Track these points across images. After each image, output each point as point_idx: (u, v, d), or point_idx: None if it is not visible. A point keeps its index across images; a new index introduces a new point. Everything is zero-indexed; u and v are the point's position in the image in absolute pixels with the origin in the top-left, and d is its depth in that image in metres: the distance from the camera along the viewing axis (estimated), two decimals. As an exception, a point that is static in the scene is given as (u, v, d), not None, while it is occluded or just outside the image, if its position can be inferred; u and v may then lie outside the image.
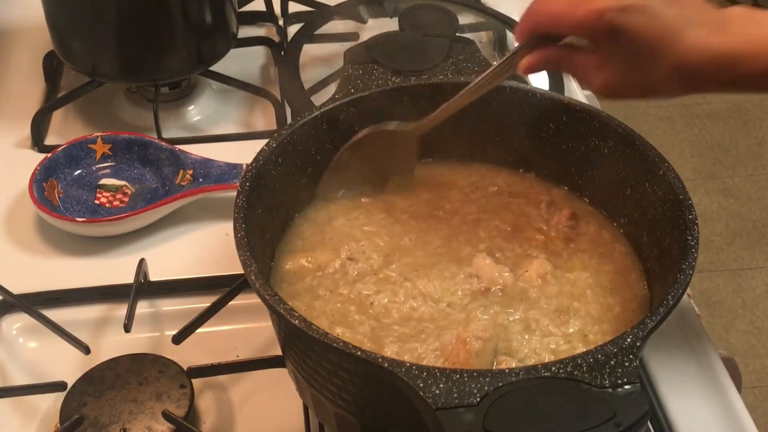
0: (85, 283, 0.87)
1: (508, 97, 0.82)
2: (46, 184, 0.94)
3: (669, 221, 0.71)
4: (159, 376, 0.76)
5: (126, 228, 0.92)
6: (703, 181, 2.55)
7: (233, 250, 0.66)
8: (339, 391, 0.64)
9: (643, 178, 0.75)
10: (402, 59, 0.84)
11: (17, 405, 0.78)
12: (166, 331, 0.85)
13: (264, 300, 0.63)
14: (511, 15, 1.23)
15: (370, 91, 0.81)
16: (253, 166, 0.74)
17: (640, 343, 0.59)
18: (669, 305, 0.62)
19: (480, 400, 0.55)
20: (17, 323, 0.85)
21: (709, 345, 0.82)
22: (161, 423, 0.72)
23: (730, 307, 2.20)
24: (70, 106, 1.10)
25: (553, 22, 0.69)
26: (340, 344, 0.59)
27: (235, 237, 0.67)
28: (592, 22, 0.65)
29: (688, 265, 0.65)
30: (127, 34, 1.02)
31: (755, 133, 2.73)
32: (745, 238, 2.38)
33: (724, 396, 0.78)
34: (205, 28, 1.06)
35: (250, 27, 1.24)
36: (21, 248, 0.93)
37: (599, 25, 0.65)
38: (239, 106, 1.13)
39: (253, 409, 0.79)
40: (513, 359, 0.67)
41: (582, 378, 0.56)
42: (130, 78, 1.08)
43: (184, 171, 0.96)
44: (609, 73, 0.68)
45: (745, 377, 2.00)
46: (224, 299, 0.81)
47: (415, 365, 0.57)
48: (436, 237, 0.78)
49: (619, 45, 0.66)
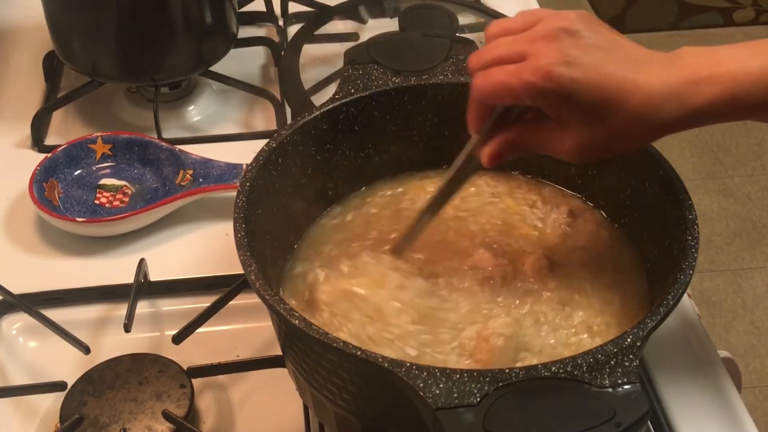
0: (85, 283, 0.87)
1: (508, 97, 0.82)
2: (46, 184, 0.94)
3: (669, 221, 0.71)
4: (159, 376, 0.76)
5: (126, 228, 0.92)
6: (703, 181, 2.55)
7: (233, 250, 0.66)
8: (339, 391, 0.64)
9: (643, 178, 0.75)
10: (402, 59, 0.84)
11: (17, 405, 0.78)
12: (166, 331, 0.85)
13: (264, 300, 0.63)
14: (511, 15, 1.23)
15: (370, 91, 0.81)
16: (253, 166, 0.74)
17: (640, 343, 0.59)
18: (669, 305, 0.62)
19: (480, 400, 0.55)
20: (17, 323, 0.85)
21: (709, 345, 0.82)
22: (161, 423, 0.72)
23: (730, 307, 2.20)
24: (70, 106, 1.10)
25: (500, 93, 0.62)
26: (340, 344, 0.59)
27: (235, 237, 0.67)
28: (541, 83, 0.60)
29: (688, 265, 0.65)
30: (127, 34, 1.02)
31: (755, 133, 2.73)
32: (745, 238, 2.38)
33: (724, 396, 0.78)
34: (205, 28, 1.06)
35: (250, 27, 1.24)
36: (21, 248, 0.93)
37: (548, 84, 0.60)
38: (239, 106, 1.13)
39: (253, 409, 0.79)
40: (532, 354, 0.67)
41: (582, 378, 0.56)
42: (130, 78, 1.08)
43: (184, 171, 0.96)
44: (574, 135, 0.63)
45: (745, 377, 2.00)
46: (224, 299, 0.81)
47: (415, 365, 0.57)
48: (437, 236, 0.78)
49: (573, 101, 0.61)
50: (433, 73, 0.83)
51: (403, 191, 0.84)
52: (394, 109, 0.82)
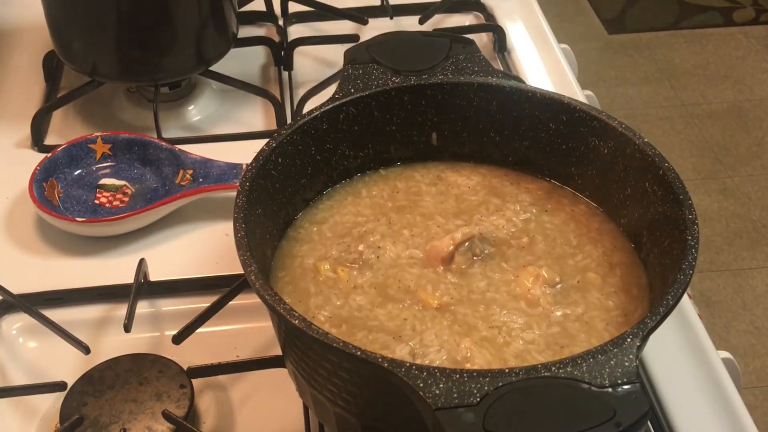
0: (85, 283, 0.87)
1: (508, 97, 0.82)
2: (46, 184, 0.94)
3: (669, 221, 0.71)
4: (159, 376, 0.76)
5: (126, 228, 0.92)
6: (703, 181, 2.55)
7: (233, 250, 0.66)
8: (339, 391, 0.64)
9: (643, 178, 0.75)
10: (402, 59, 0.84)
11: (17, 405, 0.78)
12: (166, 331, 0.85)
13: (264, 300, 0.63)
14: (511, 15, 1.23)
15: (370, 91, 0.81)
16: (253, 166, 0.74)
17: (640, 343, 0.59)
18: (669, 305, 0.62)
19: (480, 400, 0.55)
20: (17, 323, 0.85)
21: (709, 345, 0.82)
22: (161, 423, 0.72)
23: (730, 307, 2.20)
24: (70, 106, 1.10)
25: None
26: (340, 344, 0.59)
27: (235, 237, 0.67)
28: None
29: (688, 265, 0.65)
30: (127, 34, 1.02)
31: (755, 133, 2.73)
32: (745, 238, 2.38)
33: (724, 396, 0.78)
34: (205, 28, 1.06)
35: (250, 27, 1.24)
36: (21, 248, 0.93)
37: None
38: (239, 106, 1.13)
39: (253, 409, 0.79)
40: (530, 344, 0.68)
41: (582, 378, 0.56)
42: (130, 78, 1.08)
43: (184, 171, 0.96)
44: None
45: (745, 377, 2.00)
46: (224, 299, 0.81)
47: (415, 365, 0.57)
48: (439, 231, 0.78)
49: None
50: (433, 73, 0.83)
51: (402, 190, 0.84)
52: (394, 109, 0.82)
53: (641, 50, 3.07)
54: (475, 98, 0.82)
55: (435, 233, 0.78)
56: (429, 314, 0.71)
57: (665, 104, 2.84)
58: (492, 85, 0.82)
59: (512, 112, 0.82)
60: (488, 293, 0.73)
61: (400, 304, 0.72)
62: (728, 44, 3.10)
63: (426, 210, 0.81)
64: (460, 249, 0.74)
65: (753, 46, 3.08)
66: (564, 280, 0.74)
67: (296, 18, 1.25)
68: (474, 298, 0.73)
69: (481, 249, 0.76)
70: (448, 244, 0.74)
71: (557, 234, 0.79)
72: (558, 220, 0.80)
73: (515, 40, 1.22)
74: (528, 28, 1.25)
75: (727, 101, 2.85)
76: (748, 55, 3.05)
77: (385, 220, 0.80)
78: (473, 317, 0.71)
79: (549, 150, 0.83)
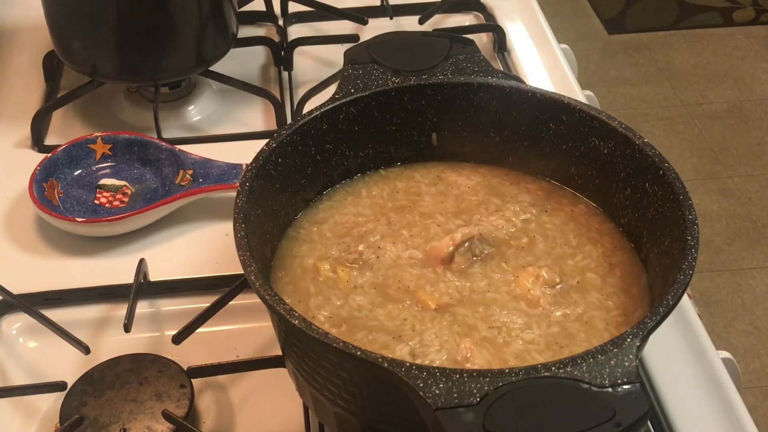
0: (85, 283, 0.87)
1: (508, 97, 0.82)
2: (46, 184, 0.94)
3: (669, 221, 0.71)
4: (159, 376, 0.76)
5: (126, 228, 0.92)
6: (703, 181, 2.55)
7: (233, 250, 0.66)
8: (339, 391, 0.64)
9: (643, 178, 0.75)
10: (402, 59, 0.84)
11: (17, 405, 0.78)
12: (166, 331, 0.85)
13: (264, 300, 0.63)
14: (511, 15, 1.23)
15: (370, 91, 0.81)
16: (253, 166, 0.74)
17: (640, 343, 0.59)
18: (669, 305, 0.62)
19: (480, 400, 0.55)
20: (17, 323, 0.85)
21: (709, 345, 0.82)
22: (161, 423, 0.72)
23: (730, 307, 2.20)
24: (70, 106, 1.10)
25: None
26: (340, 344, 0.59)
27: (235, 237, 0.67)
28: None
29: (688, 265, 0.65)
30: (127, 34, 1.02)
31: (755, 133, 2.73)
32: (745, 238, 2.38)
33: (724, 396, 0.78)
34: (205, 28, 1.06)
35: (250, 27, 1.24)
36: (21, 248, 0.93)
37: None
38: (239, 106, 1.13)
39: (253, 409, 0.79)
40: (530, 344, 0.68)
41: (582, 378, 0.56)
42: (130, 78, 1.08)
43: (184, 171, 0.96)
44: None
45: (745, 377, 2.00)
46: (224, 299, 0.81)
47: (414, 365, 0.57)
48: (439, 231, 0.78)
49: None
50: (433, 73, 0.83)
51: (402, 190, 0.84)
52: (394, 109, 0.82)
53: (641, 50, 3.07)
54: (475, 98, 0.82)
55: (435, 233, 0.78)
56: (429, 314, 0.71)
57: (665, 104, 2.84)
58: (492, 85, 0.82)
59: (512, 112, 0.82)
60: (488, 293, 0.73)
61: (400, 304, 0.72)
62: (728, 44, 3.10)
63: (426, 210, 0.81)
64: (460, 249, 0.74)
65: (753, 46, 3.09)
66: (564, 280, 0.74)
67: (296, 18, 1.25)
68: (474, 298, 0.73)
69: (480, 249, 0.76)
70: (448, 244, 0.74)
71: (557, 234, 0.79)
72: (558, 220, 0.80)
73: (515, 40, 1.22)
74: (528, 28, 1.25)
75: (727, 101, 2.85)
76: (748, 55, 3.05)
77: (385, 220, 0.80)
78: (473, 317, 0.71)
79: (549, 150, 0.83)
